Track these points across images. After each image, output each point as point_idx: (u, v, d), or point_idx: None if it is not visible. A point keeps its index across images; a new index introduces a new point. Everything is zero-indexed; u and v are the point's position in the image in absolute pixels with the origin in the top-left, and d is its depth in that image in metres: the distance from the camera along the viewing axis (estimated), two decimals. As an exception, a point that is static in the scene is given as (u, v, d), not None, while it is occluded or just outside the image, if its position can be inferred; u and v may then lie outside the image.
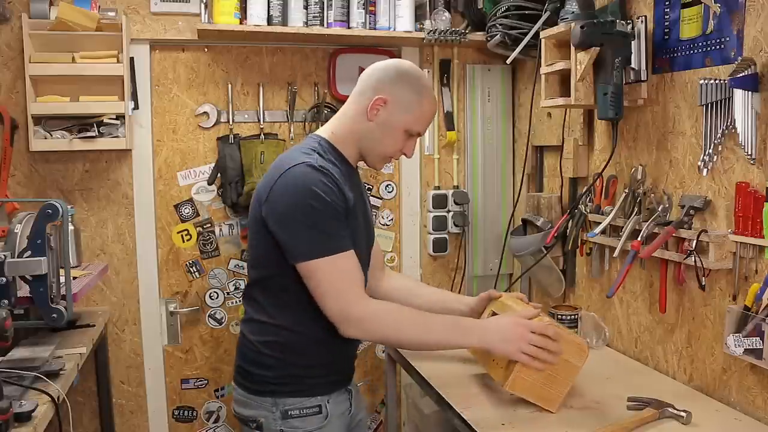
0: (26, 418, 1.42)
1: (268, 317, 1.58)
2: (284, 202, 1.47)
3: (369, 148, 1.62)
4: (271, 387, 1.57)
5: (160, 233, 2.54)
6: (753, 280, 1.58)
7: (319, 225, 1.45)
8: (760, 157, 1.55)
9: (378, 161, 1.65)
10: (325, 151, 1.57)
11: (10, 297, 1.54)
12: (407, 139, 1.61)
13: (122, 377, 2.53)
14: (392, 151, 1.62)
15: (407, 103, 1.57)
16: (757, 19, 1.55)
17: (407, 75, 1.59)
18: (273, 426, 1.55)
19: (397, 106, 1.57)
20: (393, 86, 1.57)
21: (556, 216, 2.36)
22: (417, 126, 1.60)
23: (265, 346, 1.58)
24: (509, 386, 1.54)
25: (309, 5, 2.41)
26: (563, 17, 2.05)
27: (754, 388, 1.60)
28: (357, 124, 1.60)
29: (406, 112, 1.57)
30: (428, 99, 1.60)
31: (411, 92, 1.57)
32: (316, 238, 1.45)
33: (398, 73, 1.59)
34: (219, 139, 2.55)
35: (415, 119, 1.58)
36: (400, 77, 1.58)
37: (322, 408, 1.58)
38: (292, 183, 1.46)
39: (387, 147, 1.61)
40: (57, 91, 2.25)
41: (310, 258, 1.45)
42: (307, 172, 1.47)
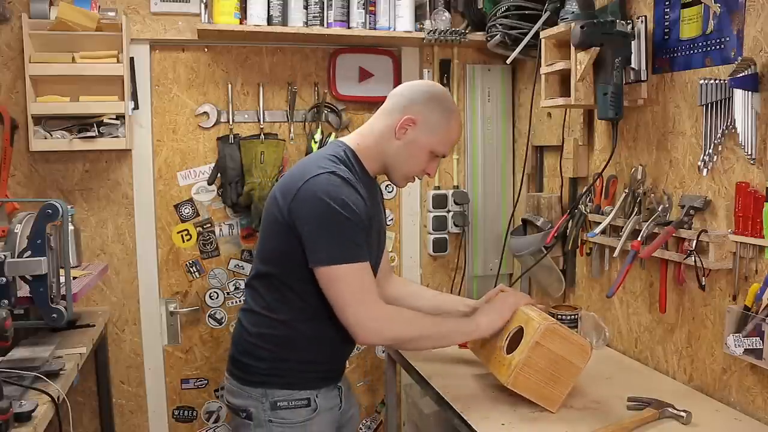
0: (26, 418, 1.42)
1: (268, 310, 1.60)
2: (315, 206, 1.48)
3: (393, 166, 1.65)
4: (262, 378, 1.60)
5: (160, 233, 2.54)
6: (753, 280, 1.58)
7: (347, 233, 1.48)
8: (760, 157, 1.55)
9: (401, 179, 1.69)
10: (350, 162, 1.61)
11: (10, 297, 1.54)
12: (431, 160, 1.66)
13: (122, 377, 2.53)
14: (416, 170, 1.66)
15: (435, 125, 1.60)
16: (757, 19, 1.55)
17: (437, 97, 1.63)
18: (262, 416, 1.58)
19: (425, 126, 1.60)
20: (423, 107, 1.60)
21: (556, 216, 2.36)
22: (442, 147, 1.64)
23: (261, 338, 1.61)
24: (511, 383, 1.55)
25: (309, 5, 2.41)
26: (563, 17, 2.05)
27: (754, 388, 1.60)
28: (383, 140, 1.63)
29: (433, 133, 1.61)
30: (456, 122, 1.65)
31: (440, 114, 1.61)
32: (342, 245, 1.48)
33: (429, 94, 1.63)
34: (219, 139, 2.55)
35: (441, 141, 1.62)
36: (430, 99, 1.62)
37: (311, 401, 1.60)
38: (323, 189, 1.49)
39: (411, 166, 1.65)
40: (57, 91, 2.25)
41: (333, 263, 1.48)
42: (337, 181, 1.51)
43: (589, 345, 1.60)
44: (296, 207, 1.50)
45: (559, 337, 1.55)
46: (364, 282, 1.51)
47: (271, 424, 1.58)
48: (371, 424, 2.81)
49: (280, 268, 1.58)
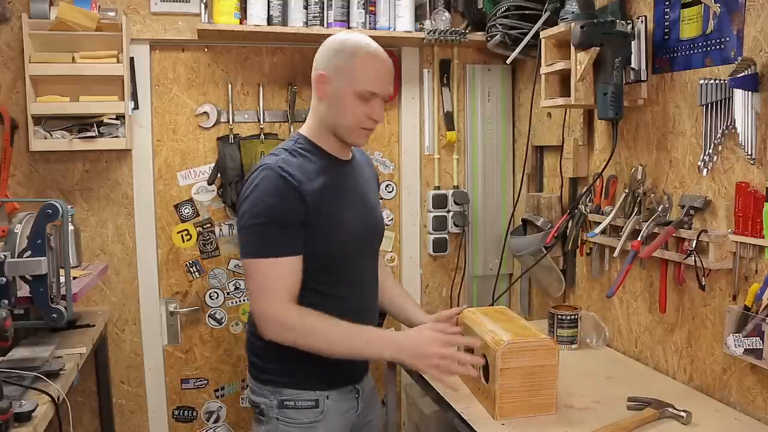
0: (26, 418, 1.42)
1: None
2: (241, 203, 1.56)
3: (334, 126, 1.61)
4: (269, 376, 1.62)
5: (160, 233, 2.54)
6: (753, 280, 1.58)
7: (261, 228, 1.50)
8: (760, 157, 1.55)
9: (350, 135, 1.61)
10: (299, 148, 1.60)
11: (10, 297, 1.54)
12: (366, 103, 1.56)
13: (122, 377, 2.53)
14: (354, 119, 1.58)
15: (342, 70, 1.56)
16: (757, 19, 1.55)
17: (337, 42, 1.61)
18: (271, 413, 1.60)
19: (335, 76, 1.57)
20: (325, 60, 1.60)
21: (556, 216, 2.36)
22: (364, 86, 1.55)
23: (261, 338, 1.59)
24: (498, 415, 1.54)
25: (309, 5, 2.41)
26: (563, 17, 2.05)
27: (754, 388, 1.60)
28: (317, 110, 1.64)
29: (344, 78, 1.56)
30: (364, 56, 1.56)
31: (342, 56, 1.57)
32: (255, 240, 1.51)
33: (329, 44, 1.62)
34: (219, 139, 2.55)
35: (357, 81, 1.55)
36: (330, 47, 1.61)
37: (319, 403, 1.60)
38: (249, 186, 1.55)
39: (348, 117, 1.58)
40: (57, 91, 2.25)
41: (246, 257, 1.53)
42: (264, 176, 1.53)
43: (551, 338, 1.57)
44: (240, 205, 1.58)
45: (519, 351, 1.53)
46: (268, 278, 1.50)
47: (278, 422, 1.60)
48: (371, 424, 2.81)
49: None
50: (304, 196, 1.51)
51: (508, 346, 1.53)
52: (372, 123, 1.60)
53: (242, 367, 2.66)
